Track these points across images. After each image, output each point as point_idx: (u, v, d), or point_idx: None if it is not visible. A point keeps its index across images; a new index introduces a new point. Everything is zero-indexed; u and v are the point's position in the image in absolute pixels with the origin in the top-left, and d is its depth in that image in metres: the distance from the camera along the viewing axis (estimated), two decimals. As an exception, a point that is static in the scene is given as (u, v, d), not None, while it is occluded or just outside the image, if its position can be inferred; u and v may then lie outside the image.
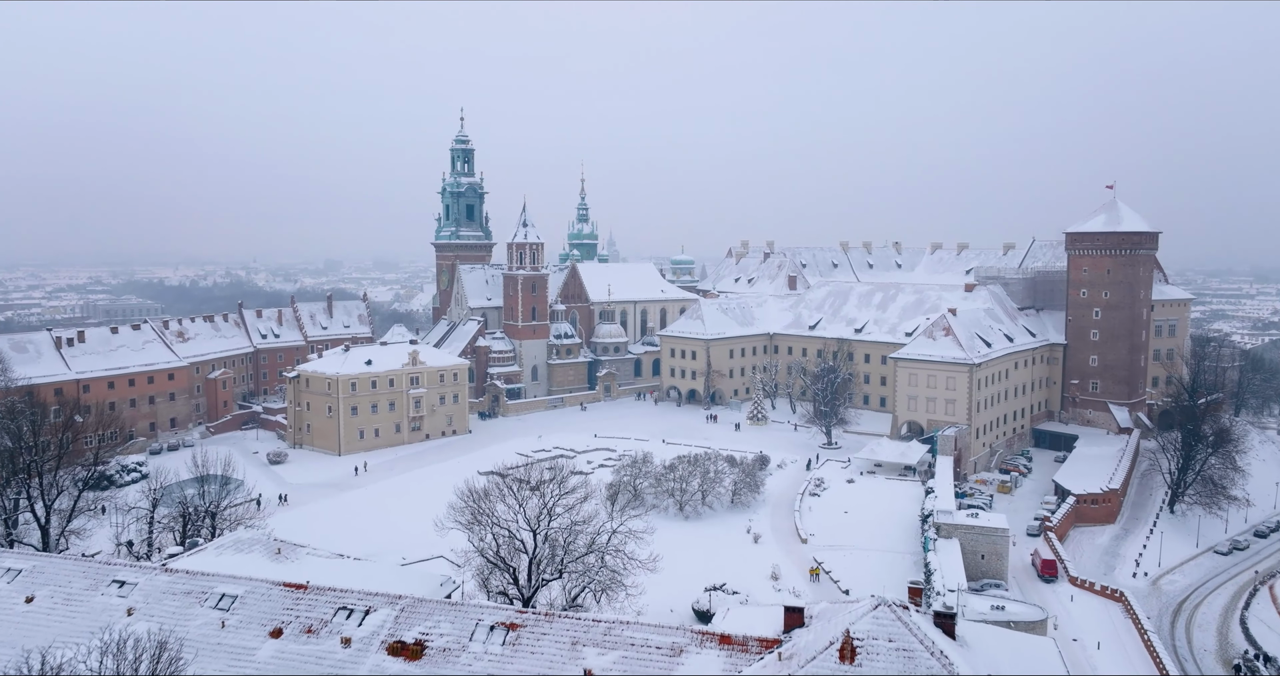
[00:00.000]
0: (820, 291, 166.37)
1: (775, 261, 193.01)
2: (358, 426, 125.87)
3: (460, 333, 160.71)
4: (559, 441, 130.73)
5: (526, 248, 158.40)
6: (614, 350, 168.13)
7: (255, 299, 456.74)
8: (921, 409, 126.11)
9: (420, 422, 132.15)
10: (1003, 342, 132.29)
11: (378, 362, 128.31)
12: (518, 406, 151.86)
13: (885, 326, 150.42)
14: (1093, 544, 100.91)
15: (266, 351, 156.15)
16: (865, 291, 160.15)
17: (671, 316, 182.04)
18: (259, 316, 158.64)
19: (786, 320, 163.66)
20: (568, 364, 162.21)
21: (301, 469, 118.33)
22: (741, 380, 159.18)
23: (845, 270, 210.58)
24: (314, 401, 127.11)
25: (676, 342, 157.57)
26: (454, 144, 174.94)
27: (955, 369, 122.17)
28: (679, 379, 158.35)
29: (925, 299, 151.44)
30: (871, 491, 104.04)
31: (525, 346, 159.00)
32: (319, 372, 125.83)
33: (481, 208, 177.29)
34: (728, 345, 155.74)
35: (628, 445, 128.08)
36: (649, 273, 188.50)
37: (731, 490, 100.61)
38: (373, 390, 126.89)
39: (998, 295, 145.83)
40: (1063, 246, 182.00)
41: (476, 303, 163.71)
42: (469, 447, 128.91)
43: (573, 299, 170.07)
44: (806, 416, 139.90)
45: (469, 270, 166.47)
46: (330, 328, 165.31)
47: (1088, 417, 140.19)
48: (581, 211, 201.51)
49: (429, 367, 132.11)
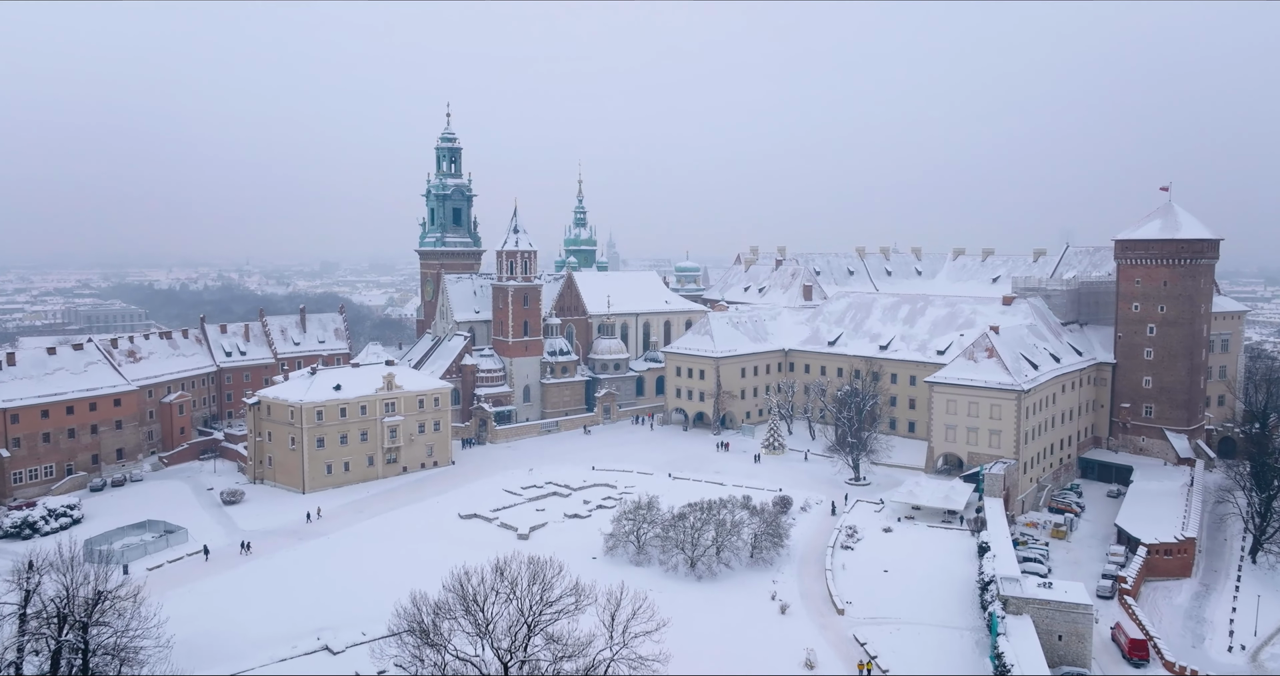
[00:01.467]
0: (839, 303, 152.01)
1: (788, 269, 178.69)
2: (324, 460, 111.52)
3: (445, 349, 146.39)
4: (552, 474, 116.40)
5: (517, 256, 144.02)
6: (614, 367, 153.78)
7: (245, 303, 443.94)
8: (961, 440, 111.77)
9: (396, 454, 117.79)
10: (1049, 363, 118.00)
11: (348, 387, 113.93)
12: (508, 432, 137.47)
13: (914, 343, 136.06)
14: (1170, 604, 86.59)
15: (231, 370, 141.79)
16: (890, 304, 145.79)
17: (676, 329, 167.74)
18: (223, 332, 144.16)
19: (803, 335, 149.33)
20: (563, 383, 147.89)
21: (258, 510, 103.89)
22: (754, 401, 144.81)
23: (862, 278, 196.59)
24: (276, 431, 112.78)
25: (682, 360, 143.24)
26: (440, 142, 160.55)
27: (1001, 396, 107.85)
28: (685, 400, 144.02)
29: (958, 313, 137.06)
30: (913, 543, 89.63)
31: (516, 364, 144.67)
32: (281, 399, 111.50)
33: (469, 212, 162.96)
34: (739, 363, 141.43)
35: (629, 479, 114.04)
36: (652, 282, 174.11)
37: (751, 543, 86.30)
38: (342, 419, 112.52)
39: (1039, 309, 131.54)
40: (1101, 253, 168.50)
41: (463, 315, 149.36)
42: (450, 483, 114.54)
43: (568, 311, 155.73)
44: (828, 444, 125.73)
45: (455, 280, 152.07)
46: (304, 343, 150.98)
47: (1140, 445, 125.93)
48: (579, 215, 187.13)
49: (406, 393, 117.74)
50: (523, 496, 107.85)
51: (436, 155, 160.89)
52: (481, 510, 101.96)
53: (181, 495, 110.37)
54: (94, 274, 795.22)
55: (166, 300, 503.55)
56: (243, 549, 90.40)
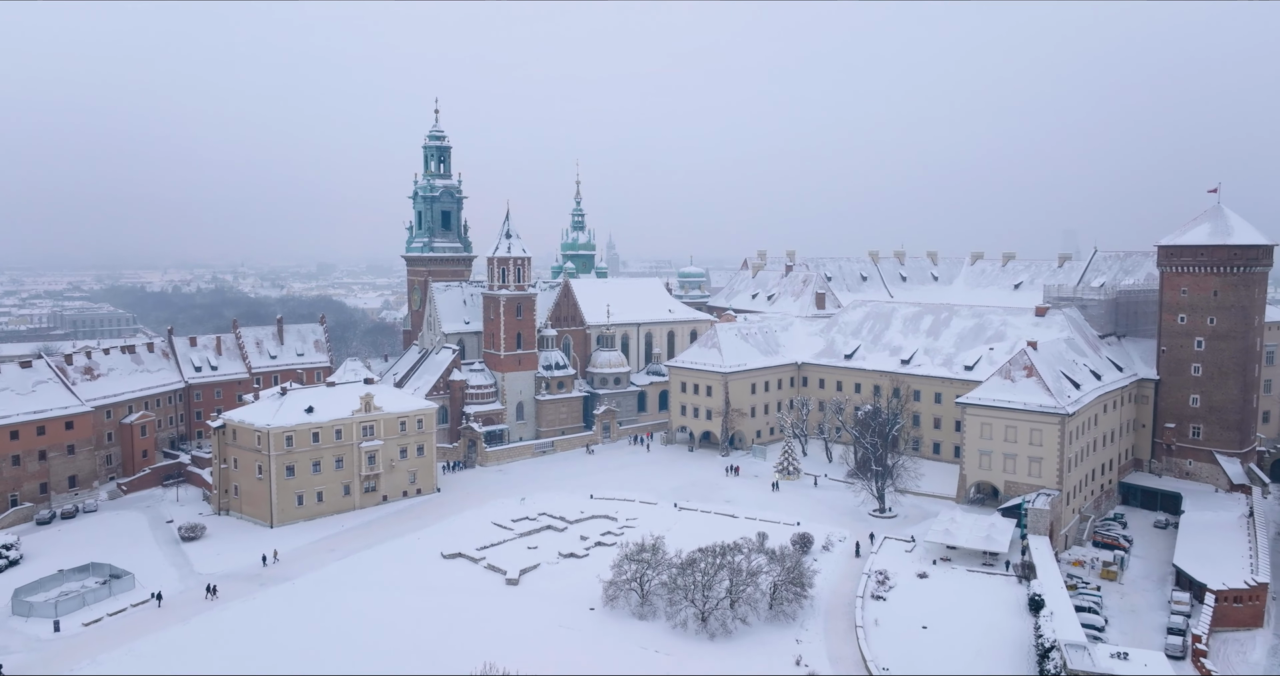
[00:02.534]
0: (856, 313, 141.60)
1: (799, 275, 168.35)
2: (295, 490, 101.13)
3: (432, 362, 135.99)
4: (546, 504, 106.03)
5: (510, 263, 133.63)
6: (614, 382, 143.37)
7: (236, 307, 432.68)
8: (997, 467, 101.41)
9: (375, 482, 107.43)
10: (1091, 382, 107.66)
11: (322, 409, 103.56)
12: (499, 454, 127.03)
13: (939, 357, 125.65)
14: (1244, 661, 76.31)
15: (201, 387, 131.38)
16: (911, 314, 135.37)
17: (680, 340, 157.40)
18: (193, 345, 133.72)
19: (817, 347, 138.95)
20: (559, 399, 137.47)
21: (219, 548, 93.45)
22: (765, 419, 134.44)
23: (876, 284, 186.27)
24: (242, 458, 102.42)
25: (688, 375, 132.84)
26: (427, 140, 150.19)
27: (1042, 420, 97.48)
28: (690, 418, 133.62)
29: (986, 324, 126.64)
30: (953, 591, 79.19)
31: (509, 380, 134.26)
32: (247, 423, 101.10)
33: (459, 215, 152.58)
34: (749, 378, 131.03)
35: (631, 510, 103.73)
36: (654, 289, 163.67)
37: (770, 594, 75.93)
38: (314, 445, 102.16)
39: (1075, 321, 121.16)
40: (1132, 258, 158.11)
41: (452, 327, 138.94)
42: (434, 514, 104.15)
43: (565, 321, 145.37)
44: (848, 468, 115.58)
45: (443, 288, 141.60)
46: (280, 356, 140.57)
47: (1187, 469, 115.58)
48: (577, 218, 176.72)
49: (386, 414, 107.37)
50: (513, 530, 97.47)
51: (424, 154, 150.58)
52: (467, 548, 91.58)
53: (136, 529, 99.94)
54: (88, 276, 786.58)
55: (157, 303, 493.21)
56: (208, 593, 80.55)
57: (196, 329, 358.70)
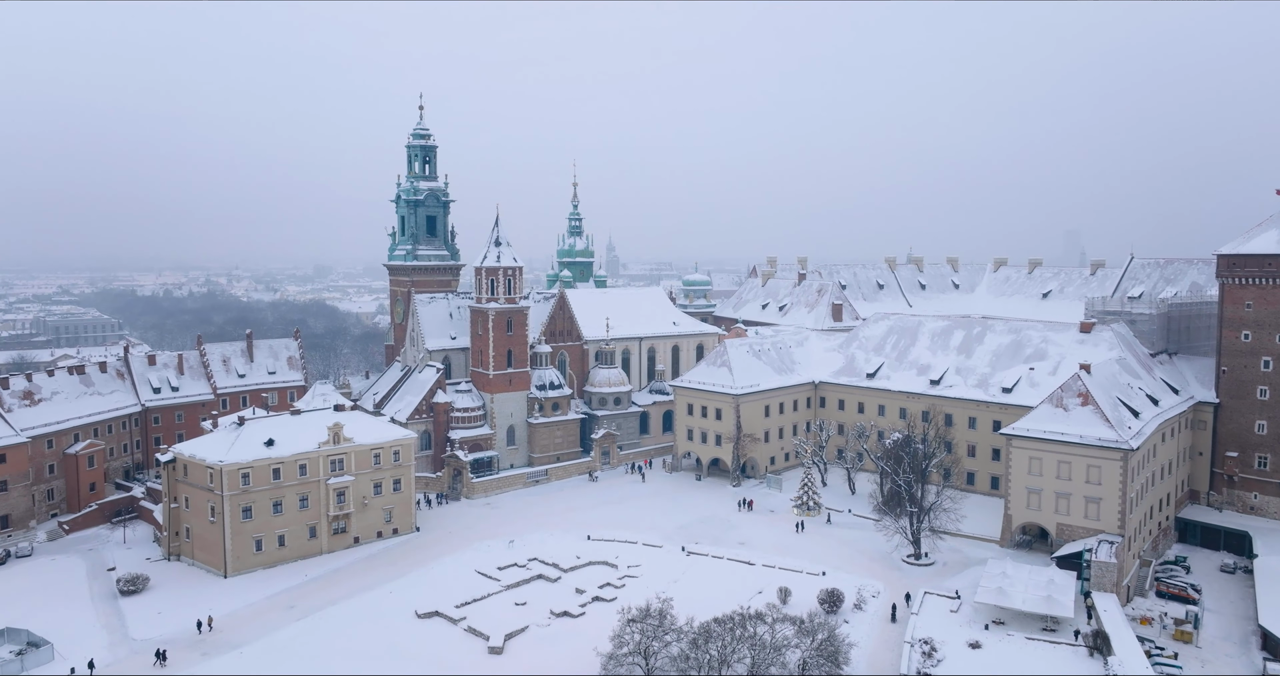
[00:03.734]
0: (878, 327, 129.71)
1: (813, 285, 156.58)
2: (252, 534, 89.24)
3: (415, 382, 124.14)
4: (538, 547, 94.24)
5: (499, 273, 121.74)
6: (614, 402, 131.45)
7: (226, 311, 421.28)
8: (1048, 507, 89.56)
9: (345, 522, 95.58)
10: (1149, 409, 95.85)
11: (284, 441, 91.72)
12: (487, 485, 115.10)
13: (972, 377, 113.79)
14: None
15: (160, 410, 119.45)
16: (939, 328, 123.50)
17: (686, 355, 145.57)
18: (151, 364, 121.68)
19: (835, 365, 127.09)
20: (554, 422, 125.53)
21: (162, 604, 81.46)
22: (779, 444, 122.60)
23: (893, 293, 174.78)
24: (194, 498, 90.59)
25: (695, 397, 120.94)
26: (411, 139, 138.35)
27: (1102, 455, 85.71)
28: (698, 443, 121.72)
29: (1024, 341, 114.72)
30: (1013, 664, 67.18)
31: (498, 401, 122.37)
32: (198, 459, 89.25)
33: (446, 220, 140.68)
34: (762, 400, 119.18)
35: (633, 555, 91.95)
36: (657, 300, 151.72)
37: (799, 672, 64.05)
38: (275, 482, 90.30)
39: (1124, 338, 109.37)
40: (1174, 267, 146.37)
41: (437, 342, 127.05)
42: (411, 560, 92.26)
43: (561, 336, 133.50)
44: (874, 502, 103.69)
45: (426, 301, 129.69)
46: (250, 375, 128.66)
47: (1252, 503, 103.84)
48: (574, 223, 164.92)
49: (358, 446, 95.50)
50: (500, 581, 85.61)
51: (407, 154, 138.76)
52: (445, 605, 79.70)
53: (71, 580, 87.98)
54: (80, 278, 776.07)
55: (147, 307, 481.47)
56: (158, 660, 69.21)
57: (183, 335, 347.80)
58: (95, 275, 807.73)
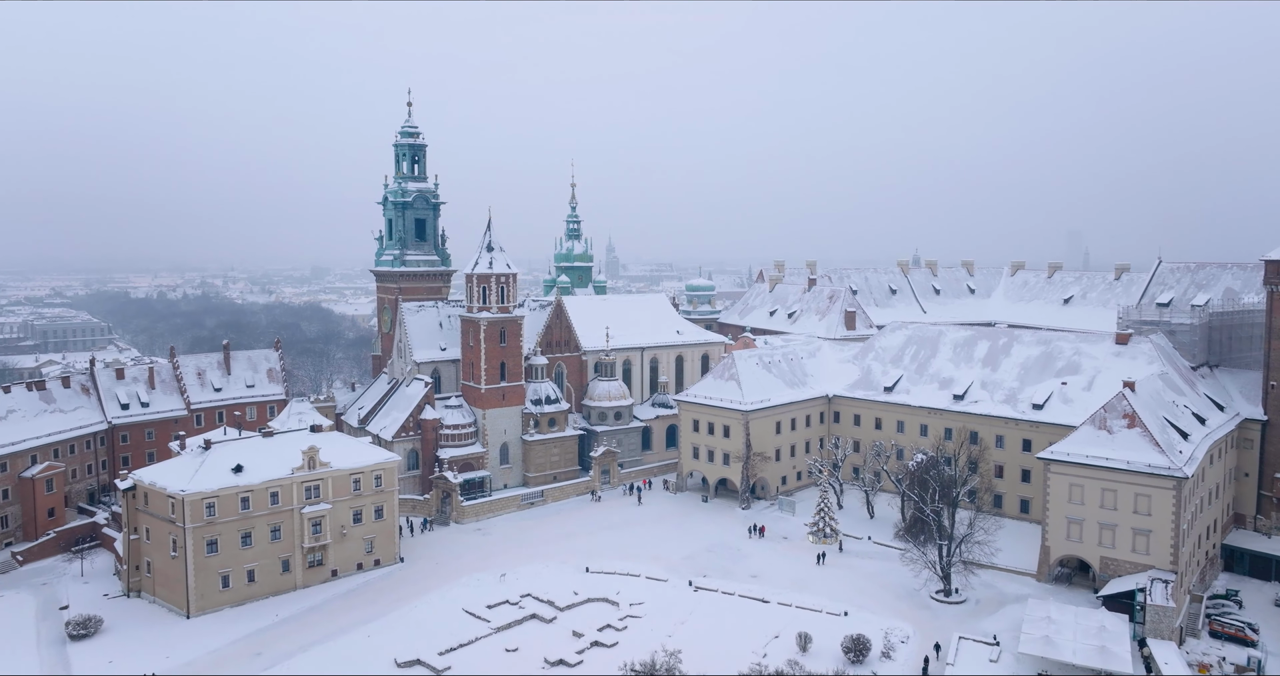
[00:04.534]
0: (895, 337, 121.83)
1: (824, 290, 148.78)
2: (219, 569, 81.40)
3: (402, 397, 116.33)
4: (531, 581, 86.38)
5: (491, 280, 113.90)
6: (614, 417, 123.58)
7: (219, 314, 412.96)
8: (1090, 539, 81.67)
9: (323, 554, 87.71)
10: (1198, 429, 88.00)
11: (254, 467, 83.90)
12: (478, 508, 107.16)
13: (999, 392, 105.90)
14: None
15: (129, 428, 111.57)
16: (962, 339, 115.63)
17: (690, 365, 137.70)
18: (120, 378, 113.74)
19: (850, 377, 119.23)
20: (550, 440, 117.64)
21: (115, 651, 73.56)
22: (790, 463, 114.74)
23: (906, 298, 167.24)
24: (155, 529, 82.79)
25: (701, 412, 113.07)
26: (399, 137, 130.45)
27: (1152, 483, 77.88)
28: (704, 462, 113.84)
29: (1055, 353, 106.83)
30: (1066, 732, 59.51)
31: (490, 417, 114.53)
32: (158, 487, 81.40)
33: (436, 223, 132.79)
34: (773, 416, 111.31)
35: (636, 590, 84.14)
36: (659, 306, 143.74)
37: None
38: (244, 512, 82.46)
39: (1164, 350, 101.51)
40: (1205, 271, 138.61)
41: (425, 354, 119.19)
42: (393, 596, 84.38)
43: (558, 347, 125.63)
44: (896, 527, 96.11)
45: (414, 310, 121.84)
46: (227, 388, 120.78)
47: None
48: (572, 226, 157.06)
49: (336, 471, 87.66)
50: (489, 622, 77.74)
51: (395, 154, 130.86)
52: (428, 652, 71.86)
53: (17, 622, 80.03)
54: (76, 280, 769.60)
55: (140, 310, 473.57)
56: None
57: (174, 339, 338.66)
58: (91, 276, 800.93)
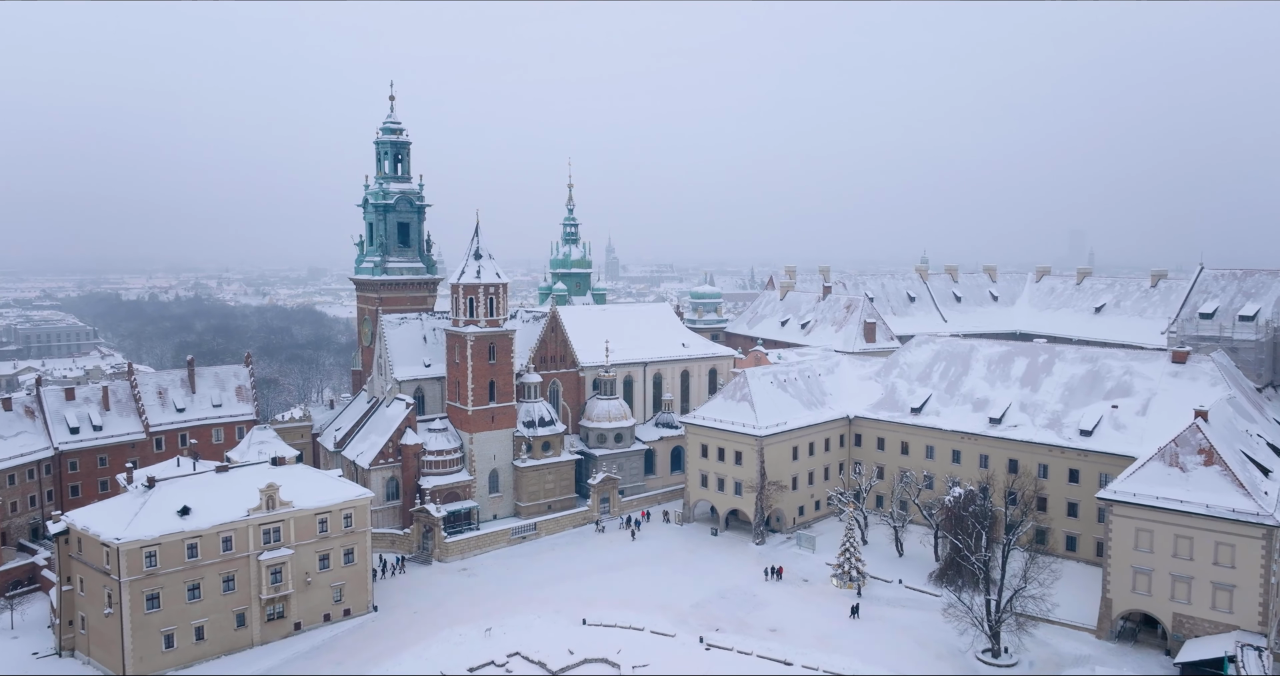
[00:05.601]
0: (922, 352, 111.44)
1: (841, 299, 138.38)
2: (161, 627, 71.05)
3: (382, 418, 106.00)
4: (520, 635, 76.01)
5: (479, 291, 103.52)
6: (614, 439, 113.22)
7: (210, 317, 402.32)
8: (1161, 592, 71.29)
9: (284, 605, 77.30)
10: (1277, 464, 77.64)
11: (205, 509, 73.56)
12: (464, 544, 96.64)
13: (1041, 415, 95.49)
14: None
15: (79, 454, 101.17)
16: (997, 355, 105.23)
17: (697, 381, 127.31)
18: (69, 398, 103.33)
19: (873, 396, 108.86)
20: (545, 465, 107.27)
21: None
22: (808, 491, 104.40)
23: (926, 306, 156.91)
24: (89, 580, 72.46)
25: (711, 437, 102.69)
26: (380, 134, 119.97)
27: (1236, 531, 67.50)
28: (713, 491, 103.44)
29: (1103, 372, 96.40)
30: None
31: (479, 442, 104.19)
32: (92, 532, 71.05)
33: (421, 227, 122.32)
34: (789, 441, 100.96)
35: (639, 647, 73.76)
36: (663, 317, 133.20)
37: None
38: (191, 561, 72.12)
39: (1228, 370, 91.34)
40: (1255, 279, 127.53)
41: (408, 371, 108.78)
42: (362, 657, 73.87)
43: (553, 362, 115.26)
44: (932, 574, 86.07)
45: (396, 322, 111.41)
46: (190, 409, 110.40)
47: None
48: (569, 229, 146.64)
49: (299, 511, 77.29)
50: (472, 690, 67.50)
51: (376, 151, 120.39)
52: (398, 731, 61.57)
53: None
54: (69, 281, 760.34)
55: (130, 313, 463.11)
56: None
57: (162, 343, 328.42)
58: (85, 277, 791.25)
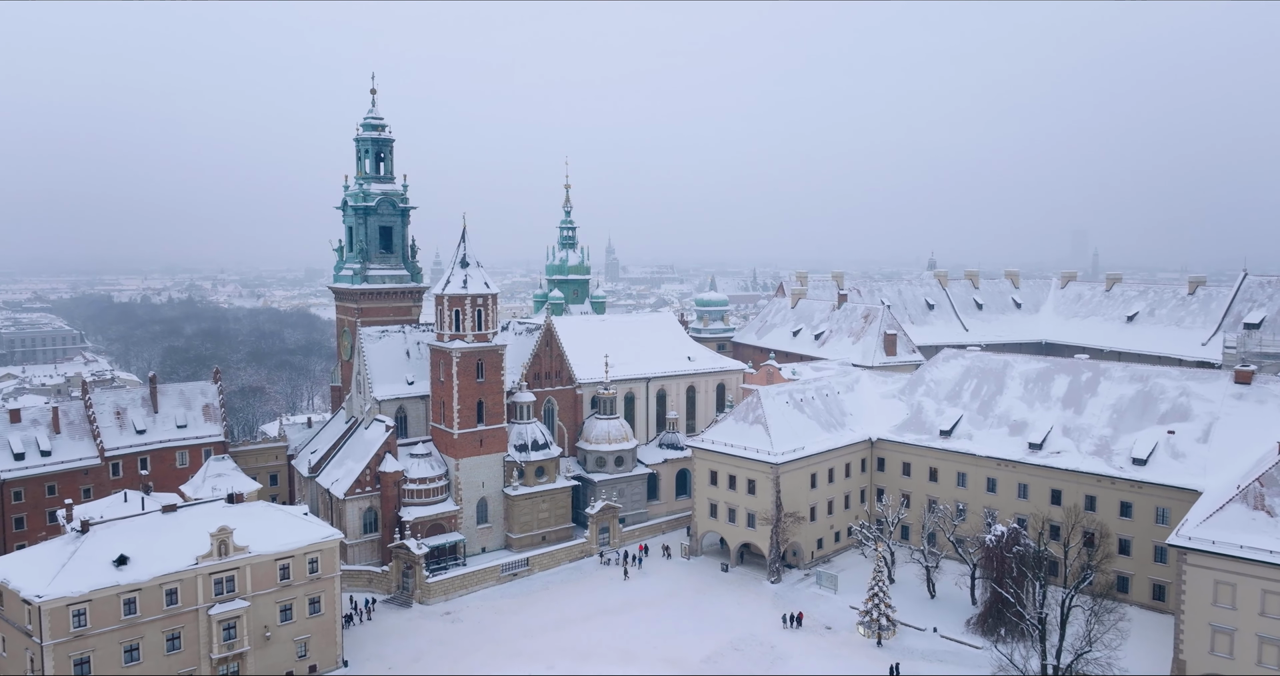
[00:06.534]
0: (950, 368, 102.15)
1: (858, 308, 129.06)
2: (93, 696, 61.74)
3: (360, 441, 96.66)
4: (509, 699, 66.80)
5: (466, 302, 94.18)
6: (615, 463, 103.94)
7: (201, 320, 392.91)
8: (1246, 655, 61.96)
9: (239, 665, 67.93)
10: (1367, 501, 68.31)
11: (146, 556, 64.24)
12: (448, 585, 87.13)
13: (1087, 441, 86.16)
14: None
15: (24, 483, 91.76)
16: (1034, 372, 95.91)
17: (704, 397, 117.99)
18: (14, 421, 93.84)
19: (898, 416, 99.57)
20: (538, 493, 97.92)
21: None
22: (828, 521, 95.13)
23: (945, 314, 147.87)
24: (11, 642, 63.08)
25: (720, 463, 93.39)
26: (360, 130, 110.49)
27: (1339, 589, 58.22)
28: (723, 522, 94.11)
29: (1156, 391, 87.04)
30: None
31: (465, 468, 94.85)
32: (12, 587, 61.70)
33: (405, 231, 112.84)
34: (808, 467, 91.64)
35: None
36: (667, 328, 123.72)
37: None
38: (129, 618, 62.79)
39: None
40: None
41: (389, 389, 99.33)
42: (327, 726, 64.81)
43: (548, 379, 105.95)
44: (970, 620, 77.02)
45: (375, 336, 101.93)
46: (152, 430, 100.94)
47: None
48: (566, 232, 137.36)
49: (256, 557, 67.96)
50: (449, 771, 58.13)
51: (356, 148, 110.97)
52: None
53: None
54: (63, 282, 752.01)
55: (120, 316, 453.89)
56: None
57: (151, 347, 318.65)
58: (79, 279, 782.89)
